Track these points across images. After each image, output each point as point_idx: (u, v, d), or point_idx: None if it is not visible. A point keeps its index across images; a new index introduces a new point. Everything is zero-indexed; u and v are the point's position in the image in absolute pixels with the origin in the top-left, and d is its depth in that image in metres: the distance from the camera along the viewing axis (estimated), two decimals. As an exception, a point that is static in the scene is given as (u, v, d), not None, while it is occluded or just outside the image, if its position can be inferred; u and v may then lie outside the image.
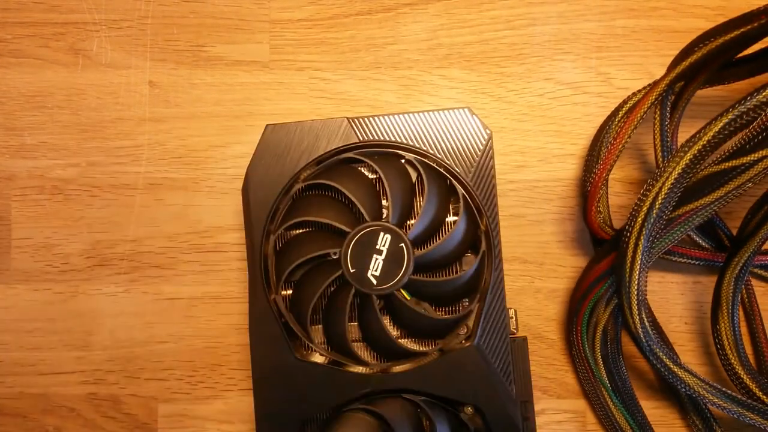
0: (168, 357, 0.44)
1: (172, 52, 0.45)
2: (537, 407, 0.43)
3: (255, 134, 0.38)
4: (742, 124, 0.33)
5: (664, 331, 0.43)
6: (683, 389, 0.37)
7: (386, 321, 0.37)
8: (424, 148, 0.37)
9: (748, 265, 0.39)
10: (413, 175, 0.38)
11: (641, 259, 0.36)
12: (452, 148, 0.37)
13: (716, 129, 0.33)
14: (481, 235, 0.37)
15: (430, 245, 0.37)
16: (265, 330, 0.37)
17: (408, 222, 0.37)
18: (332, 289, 0.38)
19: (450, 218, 0.38)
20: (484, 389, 0.36)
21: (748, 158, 0.33)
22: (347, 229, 0.36)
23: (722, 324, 0.40)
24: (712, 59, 0.36)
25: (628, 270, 0.36)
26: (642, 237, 0.36)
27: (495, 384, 0.36)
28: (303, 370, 0.37)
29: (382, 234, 0.36)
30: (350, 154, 0.38)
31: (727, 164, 0.34)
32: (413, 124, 0.38)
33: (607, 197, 0.43)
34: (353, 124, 0.38)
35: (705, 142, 0.33)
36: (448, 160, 0.37)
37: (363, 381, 0.36)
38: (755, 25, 0.33)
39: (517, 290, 0.44)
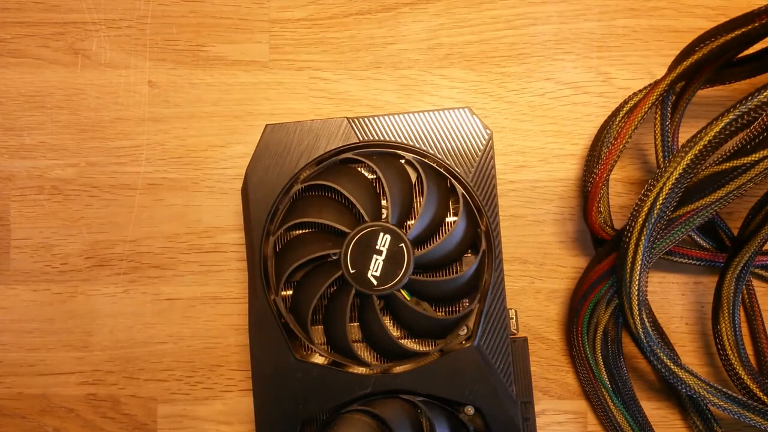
0: (167, 358, 0.44)
1: (171, 51, 0.45)
2: (537, 408, 0.43)
3: (254, 134, 0.38)
4: (743, 125, 0.33)
5: (664, 331, 0.43)
6: (684, 390, 0.37)
7: (387, 321, 0.37)
8: (424, 148, 0.37)
9: (749, 265, 0.39)
10: (413, 175, 0.38)
11: (642, 259, 0.36)
12: (452, 148, 0.37)
13: (717, 129, 0.33)
14: (482, 235, 0.37)
15: (430, 245, 0.37)
16: (264, 331, 0.37)
17: (408, 222, 0.37)
18: (332, 289, 0.38)
19: (450, 218, 0.38)
20: (485, 390, 0.36)
21: (749, 158, 0.33)
22: (347, 230, 0.36)
23: (723, 324, 0.40)
24: (713, 59, 0.36)
25: (628, 270, 0.36)
26: (643, 237, 0.35)
27: (495, 385, 0.36)
28: (303, 371, 0.36)
29: (381, 234, 0.36)
30: (350, 155, 0.38)
31: (728, 164, 0.33)
32: (413, 124, 0.37)
33: (608, 197, 0.43)
34: (353, 124, 0.38)
35: (706, 143, 0.33)
36: (449, 160, 0.37)
37: (363, 382, 0.36)
38: (756, 24, 0.32)
39: (518, 291, 0.44)
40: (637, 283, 0.36)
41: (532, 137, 0.44)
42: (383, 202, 0.37)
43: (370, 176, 0.38)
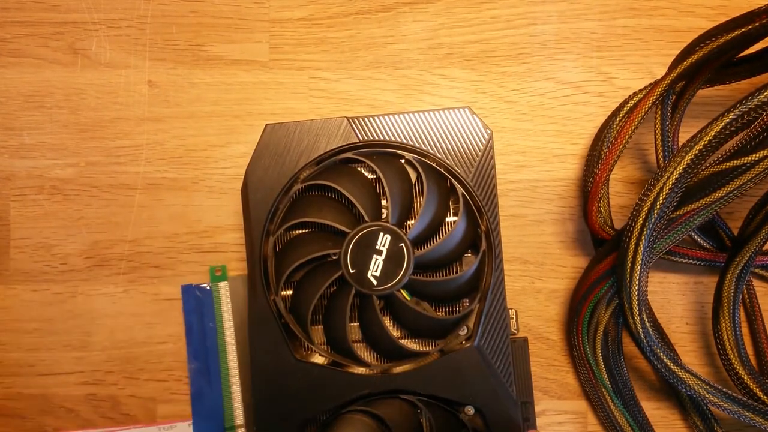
0: (167, 358, 0.44)
1: (171, 51, 0.45)
2: (538, 408, 0.43)
3: (254, 134, 0.38)
4: (743, 124, 0.33)
5: (665, 331, 0.43)
6: (684, 390, 0.37)
7: (387, 321, 0.37)
8: (424, 148, 0.37)
9: (749, 265, 0.39)
10: (413, 175, 0.38)
11: (642, 259, 0.36)
12: (452, 148, 0.37)
13: (717, 129, 0.33)
14: (482, 235, 0.37)
15: (430, 245, 0.37)
16: (264, 331, 0.37)
17: (408, 222, 0.37)
18: (332, 289, 0.38)
19: (450, 218, 0.38)
20: (485, 390, 0.36)
21: (749, 158, 0.33)
22: (347, 230, 0.36)
23: (723, 324, 0.40)
24: (713, 59, 0.36)
25: (628, 270, 0.36)
26: (643, 237, 0.35)
27: (495, 385, 0.36)
28: (303, 371, 0.36)
29: (381, 234, 0.36)
30: (350, 154, 0.38)
31: (728, 164, 0.33)
32: (413, 124, 0.37)
33: (608, 197, 0.43)
34: (353, 123, 0.37)
35: (706, 142, 0.33)
36: (449, 160, 0.37)
37: (363, 382, 0.36)
38: (756, 24, 0.32)
39: (518, 291, 0.44)
40: (637, 283, 0.36)
41: (532, 137, 0.44)
42: (383, 202, 0.37)
43: (370, 176, 0.38)
